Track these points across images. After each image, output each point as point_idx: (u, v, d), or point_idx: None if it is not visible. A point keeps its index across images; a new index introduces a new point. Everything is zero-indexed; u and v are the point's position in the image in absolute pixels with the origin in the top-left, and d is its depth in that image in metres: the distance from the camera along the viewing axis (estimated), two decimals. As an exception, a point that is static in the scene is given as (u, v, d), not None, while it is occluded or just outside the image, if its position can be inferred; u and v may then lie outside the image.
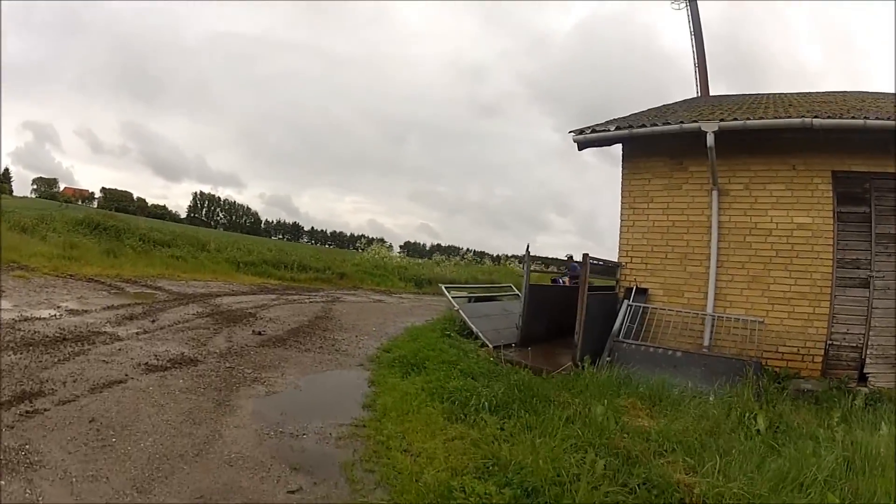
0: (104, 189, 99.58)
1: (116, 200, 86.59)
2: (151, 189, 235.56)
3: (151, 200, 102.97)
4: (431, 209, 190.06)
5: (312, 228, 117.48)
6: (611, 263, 10.99)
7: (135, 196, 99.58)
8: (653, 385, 7.39)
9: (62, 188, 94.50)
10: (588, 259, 9.44)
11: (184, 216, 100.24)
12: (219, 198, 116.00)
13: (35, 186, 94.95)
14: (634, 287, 10.09)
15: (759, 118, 9.07)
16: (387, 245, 35.61)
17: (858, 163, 8.91)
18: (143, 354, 7.42)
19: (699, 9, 19.26)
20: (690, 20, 19.38)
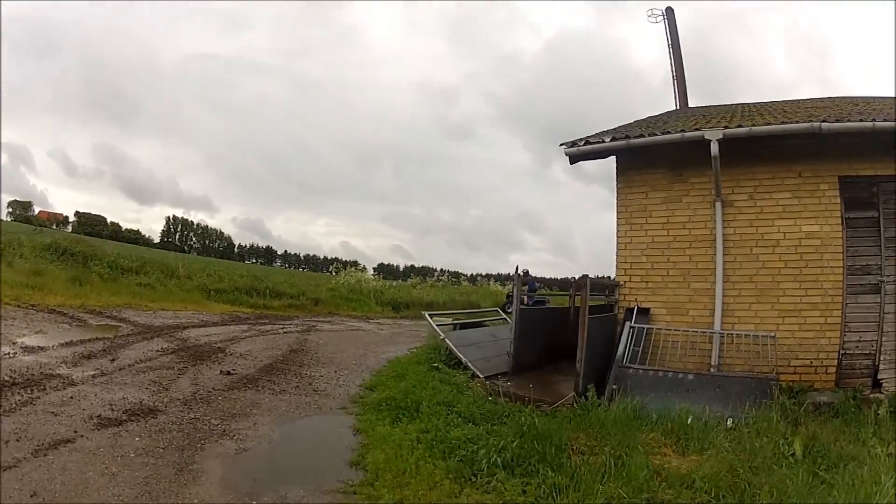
0: (78, 213, 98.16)
1: (90, 225, 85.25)
2: (125, 213, 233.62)
3: (125, 225, 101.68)
4: (404, 231, 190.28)
5: (286, 252, 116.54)
6: (602, 281, 10.56)
7: (108, 220, 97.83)
8: (672, 416, 6.88)
9: (37, 212, 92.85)
10: (588, 280, 8.87)
11: (157, 241, 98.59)
12: (192, 222, 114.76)
13: (10, 209, 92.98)
14: (636, 307, 9.55)
15: (765, 124, 8.71)
16: (360, 267, 34.78)
17: (865, 167, 8.65)
18: (98, 403, 6.61)
19: (677, 21, 18.79)
20: (668, 33, 18.83)
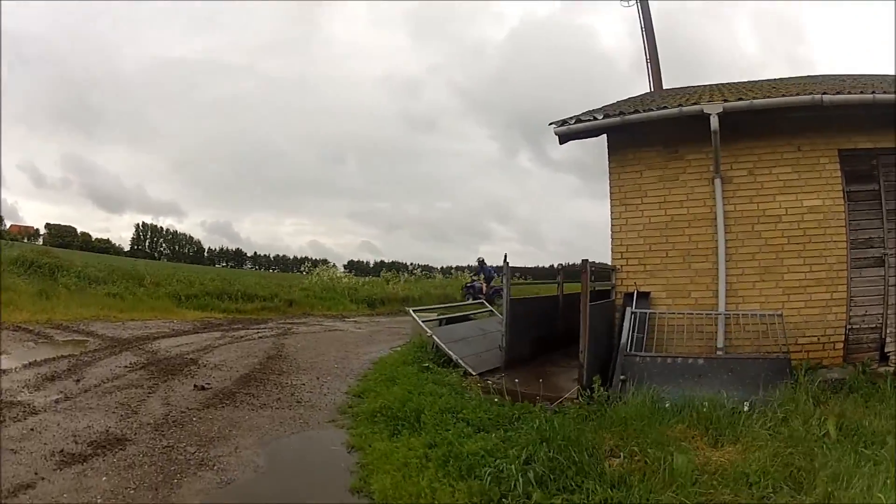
0: (48, 225, 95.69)
1: (61, 236, 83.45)
2: (94, 222, 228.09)
3: (95, 234, 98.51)
4: (371, 226, 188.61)
5: (255, 254, 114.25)
6: (596, 267, 9.94)
7: (78, 231, 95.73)
8: (691, 405, 6.49)
9: (8, 226, 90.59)
10: (588, 265, 8.31)
11: (127, 249, 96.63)
12: (161, 228, 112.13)
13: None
14: (635, 292, 9.13)
15: (765, 97, 8.45)
16: (330, 265, 34.07)
17: (864, 139, 8.51)
18: (61, 435, 5.96)
19: (650, 4, 18.56)
20: (641, 14, 18.44)
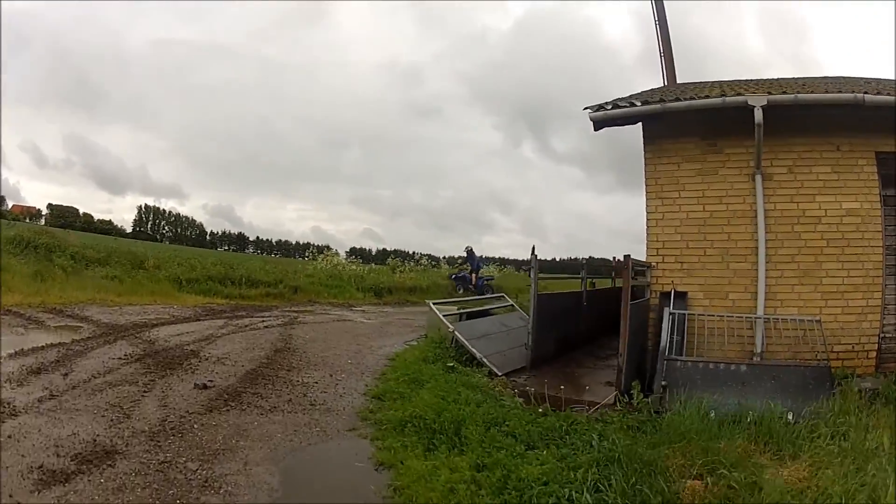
0: (50, 205, 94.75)
1: (63, 217, 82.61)
2: (96, 203, 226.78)
3: (97, 215, 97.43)
4: (374, 213, 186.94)
5: (258, 238, 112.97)
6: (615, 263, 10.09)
7: (81, 212, 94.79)
8: (754, 416, 6.11)
9: (10, 206, 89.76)
10: (630, 262, 7.96)
11: (130, 230, 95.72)
12: (164, 210, 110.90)
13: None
14: (672, 291, 8.68)
15: (809, 93, 8.19)
16: (333, 252, 33.12)
17: None
18: (42, 445, 5.07)
19: (664, -1, 18.93)
20: (654, 9, 18.34)
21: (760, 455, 5.34)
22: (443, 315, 10.92)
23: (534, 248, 9.73)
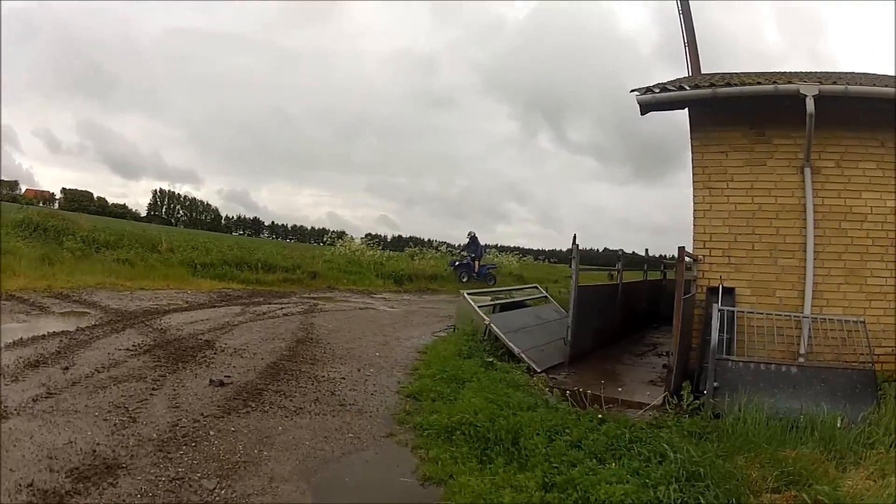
0: (64, 189, 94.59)
1: (77, 201, 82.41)
2: (110, 188, 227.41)
3: (112, 199, 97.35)
4: (389, 200, 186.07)
5: (273, 223, 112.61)
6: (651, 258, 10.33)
7: (95, 196, 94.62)
8: (814, 421, 5.87)
9: (23, 190, 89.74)
10: (684, 253, 7.50)
11: (144, 214, 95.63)
12: (178, 195, 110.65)
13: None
14: (720, 287, 8.32)
15: (858, 84, 7.97)
16: (348, 238, 32.36)
17: None
18: (34, 457, 4.30)
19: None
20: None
21: (825, 463, 4.99)
22: (478, 307, 10.24)
23: (575, 238, 9.11)
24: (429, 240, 35.75)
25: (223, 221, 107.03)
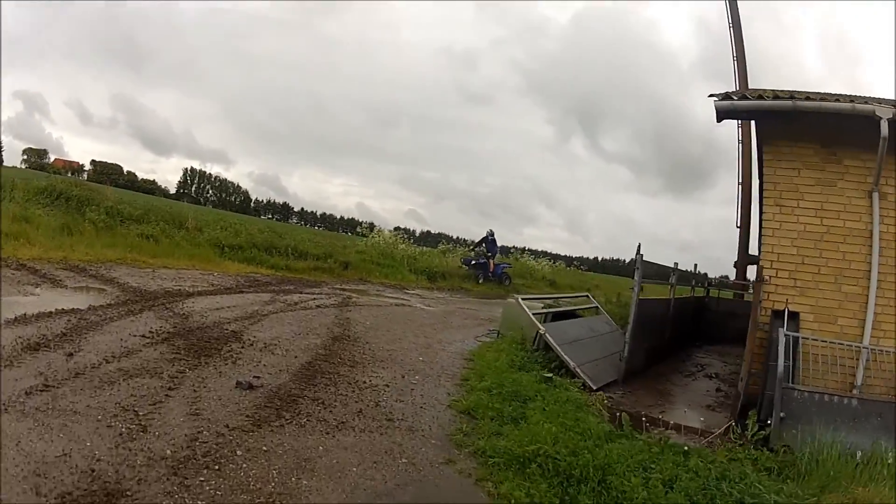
0: (94, 161, 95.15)
1: (106, 173, 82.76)
2: (140, 163, 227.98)
3: (141, 175, 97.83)
4: (418, 195, 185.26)
5: (302, 209, 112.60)
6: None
7: (125, 169, 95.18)
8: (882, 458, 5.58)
9: (52, 159, 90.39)
10: (762, 273, 7.76)
11: (173, 192, 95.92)
12: (209, 174, 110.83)
13: (25, 157, 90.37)
14: (786, 311, 7.82)
15: None
16: (377, 229, 31.54)
17: None
18: (16, 473, 3.40)
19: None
20: (729, 12, 18.60)
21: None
22: (533, 314, 9.43)
23: (639, 247, 8.68)
24: (457, 237, 34.79)
25: (252, 204, 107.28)
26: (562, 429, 5.20)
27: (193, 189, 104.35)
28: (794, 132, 8.35)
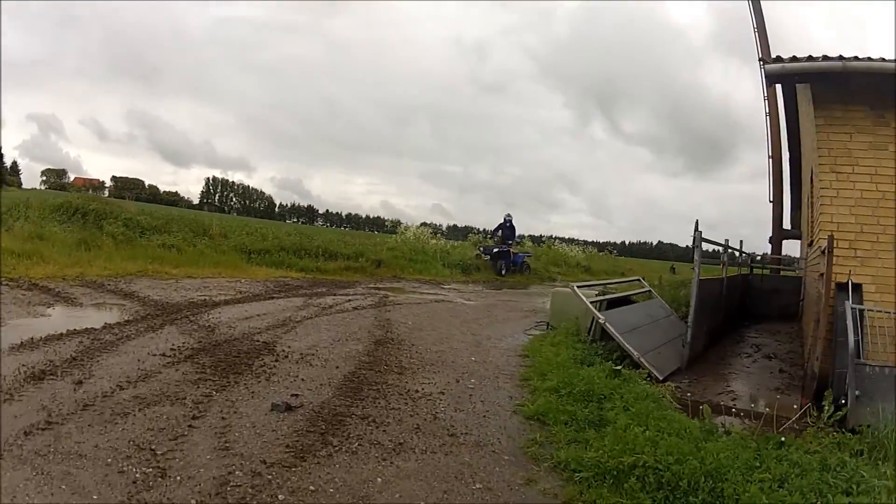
0: (114, 177, 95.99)
1: (127, 188, 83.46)
2: (161, 176, 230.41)
3: (163, 188, 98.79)
4: (442, 189, 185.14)
5: (327, 211, 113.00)
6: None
7: (146, 183, 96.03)
8: None
9: (72, 178, 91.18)
10: (833, 243, 7.24)
11: (196, 202, 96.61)
12: (231, 182, 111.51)
13: (44, 178, 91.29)
14: (850, 283, 7.51)
15: None
16: (403, 226, 31.01)
17: None
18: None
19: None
20: None
21: None
22: (590, 302, 8.67)
23: (697, 224, 8.54)
24: (483, 228, 34.03)
25: (277, 209, 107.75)
26: (656, 431, 4.48)
27: (217, 198, 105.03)
28: (846, 95, 8.02)
